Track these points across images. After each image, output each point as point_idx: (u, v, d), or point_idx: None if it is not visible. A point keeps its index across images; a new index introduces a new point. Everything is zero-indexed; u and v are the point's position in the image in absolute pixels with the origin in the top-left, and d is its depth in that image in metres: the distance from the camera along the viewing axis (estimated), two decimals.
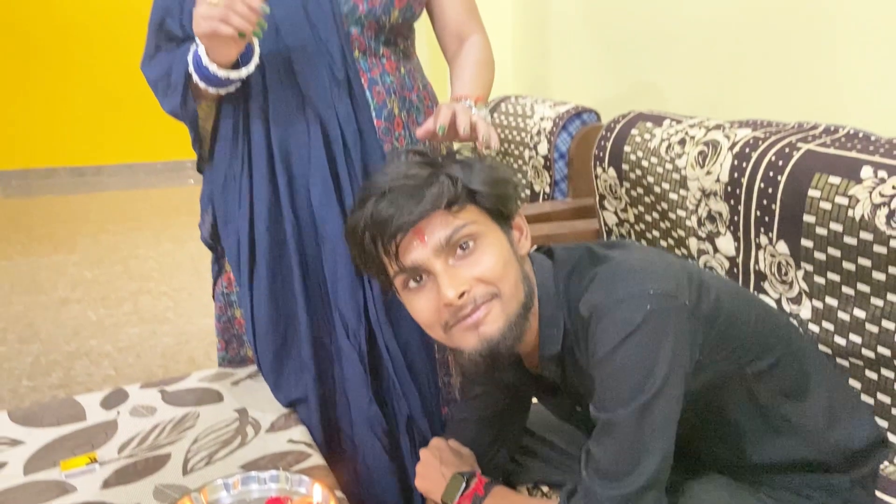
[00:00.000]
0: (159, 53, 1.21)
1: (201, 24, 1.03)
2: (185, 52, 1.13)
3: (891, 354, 1.06)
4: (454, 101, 1.11)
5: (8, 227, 4.40)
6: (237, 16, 1.01)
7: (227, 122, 1.22)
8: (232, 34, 1.02)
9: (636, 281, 0.85)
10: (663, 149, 1.52)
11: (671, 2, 1.84)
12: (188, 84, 1.14)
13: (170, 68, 1.16)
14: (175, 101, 1.15)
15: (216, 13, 1.01)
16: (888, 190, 1.05)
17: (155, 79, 1.19)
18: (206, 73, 1.10)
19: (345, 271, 1.19)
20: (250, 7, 1.01)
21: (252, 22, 1.02)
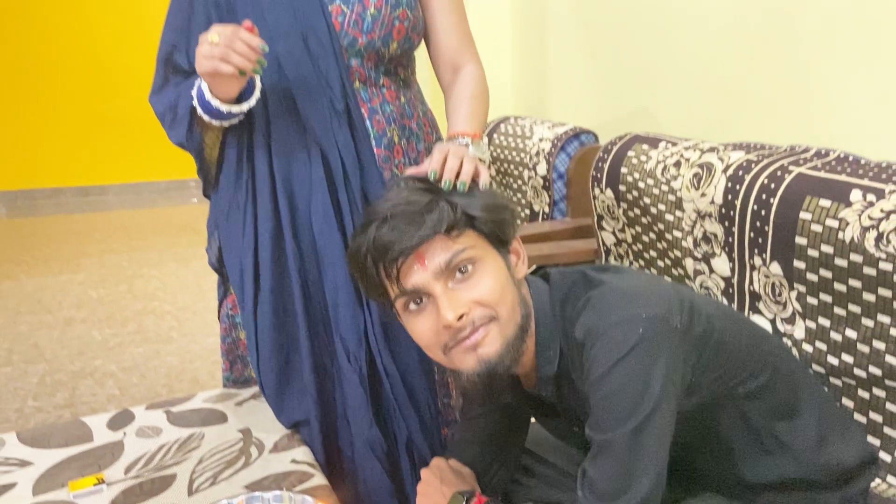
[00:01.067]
0: (167, 86, 1.24)
1: (203, 63, 1.06)
2: (191, 87, 1.17)
3: (881, 374, 1.08)
4: (451, 139, 1.14)
5: (14, 246, 4.44)
6: (237, 55, 1.04)
7: (232, 152, 1.25)
8: (232, 72, 1.05)
9: (629, 305, 0.87)
10: (659, 171, 1.55)
11: (667, 27, 1.88)
12: (193, 117, 1.18)
13: (176, 101, 1.19)
14: (181, 132, 1.19)
15: (217, 52, 1.04)
16: (877, 213, 1.07)
17: (162, 111, 1.22)
18: (209, 108, 1.14)
19: (346, 296, 1.22)
20: (250, 46, 1.05)
21: (252, 60, 1.05)
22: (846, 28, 1.37)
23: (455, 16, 1.31)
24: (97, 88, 5.48)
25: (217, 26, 1.07)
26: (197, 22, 1.21)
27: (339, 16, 1.19)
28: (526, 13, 2.59)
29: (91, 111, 5.49)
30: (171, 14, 1.25)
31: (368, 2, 1.20)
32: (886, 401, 1.10)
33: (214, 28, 1.06)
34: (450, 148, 1.02)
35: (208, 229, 1.35)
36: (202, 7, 1.21)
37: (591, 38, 2.24)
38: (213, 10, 1.20)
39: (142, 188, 5.75)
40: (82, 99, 5.47)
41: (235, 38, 1.04)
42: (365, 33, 1.20)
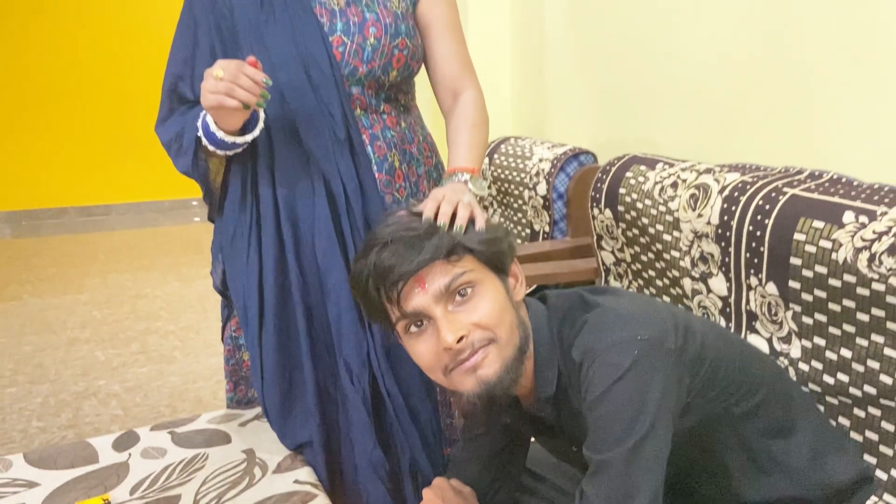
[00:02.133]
0: (172, 116, 1.27)
1: (208, 97, 1.09)
2: (195, 117, 1.20)
3: (876, 393, 1.10)
4: (450, 174, 1.17)
5: (18, 266, 4.46)
6: (241, 89, 1.07)
7: (237, 181, 1.28)
8: (236, 106, 1.08)
9: (625, 327, 0.89)
10: (656, 191, 1.57)
11: (664, 50, 1.91)
12: (198, 147, 1.21)
13: (181, 131, 1.22)
14: (187, 162, 1.22)
15: (222, 87, 1.07)
16: (869, 234, 1.09)
17: (168, 141, 1.25)
18: (214, 139, 1.17)
19: (348, 319, 1.24)
20: (254, 80, 1.07)
21: (255, 94, 1.08)
22: (839, 53, 1.39)
23: (454, 43, 1.33)
24: (100, 110, 5.53)
25: (221, 61, 1.09)
26: (201, 53, 1.24)
27: (340, 46, 1.22)
28: (525, 36, 2.63)
29: (94, 132, 5.54)
30: (175, 46, 1.28)
31: (368, 32, 1.23)
32: (882, 419, 1.11)
33: (219, 63, 1.09)
34: (445, 193, 1.03)
35: (213, 253, 1.38)
36: (206, 39, 1.24)
37: (590, 61, 2.27)
38: (216, 42, 1.23)
39: (144, 208, 5.78)
40: (86, 120, 5.52)
41: (240, 73, 1.07)
42: (365, 63, 1.23)
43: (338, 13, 1.23)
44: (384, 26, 1.24)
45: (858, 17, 1.34)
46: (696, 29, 1.77)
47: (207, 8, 1.23)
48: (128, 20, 5.47)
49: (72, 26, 5.39)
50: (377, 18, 1.24)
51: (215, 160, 1.27)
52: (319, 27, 1.21)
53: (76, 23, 5.39)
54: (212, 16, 1.23)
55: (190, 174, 1.25)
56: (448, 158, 1.25)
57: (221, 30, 1.23)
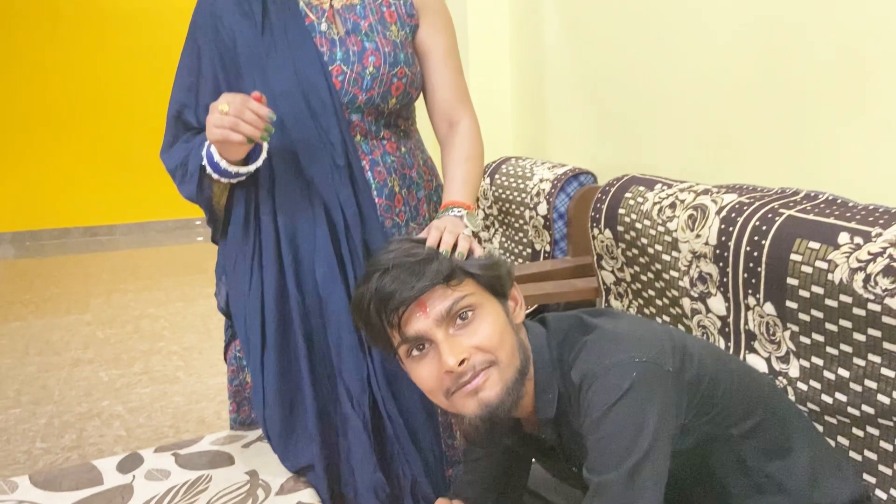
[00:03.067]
0: (177, 143, 1.29)
1: (213, 131, 1.11)
2: (199, 145, 1.22)
3: (874, 413, 1.10)
4: (446, 207, 1.19)
5: (22, 287, 4.49)
6: (246, 124, 1.09)
7: (239, 206, 1.29)
8: (241, 140, 1.11)
9: (623, 349, 0.90)
10: (655, 212, 1.59)
11: (662, 72, 1.93)
12: (203, 175, 1.23)
13: (186, 159, 1.25)
14: (191, 189, 1.24)
15: (227, 122, 1.09)
16: (864, 255, 1.11)
17: (173, 167, 1.27)
18: (218, 168, 1.19)
19: (349, 344, 1.25)
20: (258, 115, 1.10)
21: (259, 128, 1.11)
22: (834, 76, 1.41)
23: (451, 71, 1.35)
24: (103, 130, 5.58)
25: (227, 95, 1.12)
26: (205, 82, 1.27)
27: (339, 75, 1.24)
28: (525, 58, 2.66)
29: (98, 153, 5.59)
30: (179, 74, 1.30)
31: (367, 61, 1.25)
32: (880, 439, 1.12)
33: (224, 97, 1.11)
34: (446, 224, 1.06)
35: (217, 275, 1.39)
36: (209, 68, 1.26)
37: (589, 82, 2.30)
38: (220, 71, 1.26)
39: (148, 227, 5.82)
40: (89, 141, 5.57)
41: (245, 108, 1.09)
42: (364, 91, 1.25)
43: (337, 42, 1.26)
44: (383, 55, 1.26)
45: (854, 39, 1.36)
46: (694, 51, 1.80)
47: (210, 37, 1.25)
48: (131, 42, 5.53)
49: (75, 49, 5.45)
50: (376, 48, 1.26)
51: (219, 185, 1.29)
52: (319, 56, 1.23)
53: (79, 45, 5.46)
54: (214, 45, 1.25)
55: (194, 200, 1.27)
56: (444, 191, 1.27)
57: (224, 59, 1.25)
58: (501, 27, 2.73)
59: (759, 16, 1.57)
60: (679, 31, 1.84)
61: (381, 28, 1.29)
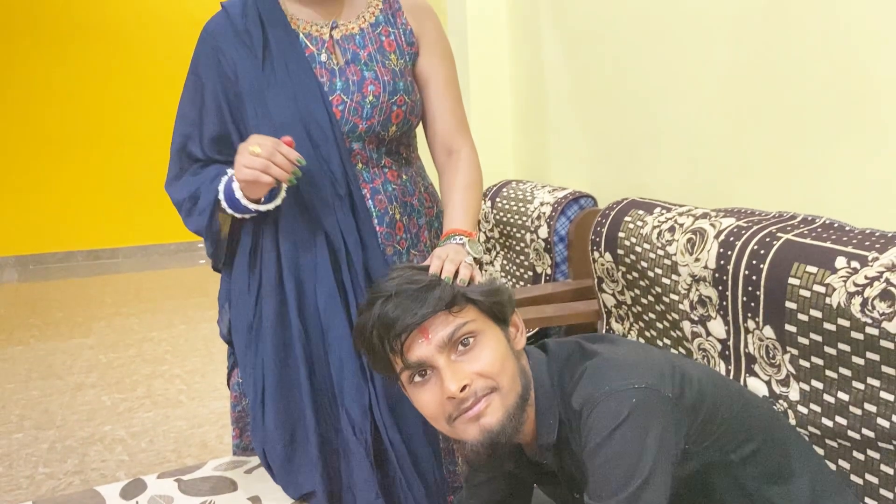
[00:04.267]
0: (183, 176, 1.31)
1: (243, 171, 1.14)
2: (212, 179, 1.24)
3: (875, 436, 1.11)
4: (447, 236, 1.20)
5: (25, 311, 4.50)
6: (276, 167, 1.13)
7: (245, 237, 1.31)
8: (270, 182, 1.14)
9: (622, 375, 0.91)
10: (654, 235, 1.60)
11: (661, 97, 1.95)
12: (215, 209, 1.25)
13: (196, 192, 1.26)
14: (202, 222, 1.26)
15: (258, 164, 1.12)
16: (861, 279, 1.12)
17: (180, 200, 1.29)
18: (237, 205, 1.21)
19: (350, 370, 1.26)
20: (288, 159, 1.14)
21: (289, 171, 1.15)
22: (831, 101, 1.43)
23: (450, 100, 1.37)
24: (106, 155, 5.63)
25: (258, 137, 1.15)
26: (208, 113, 1.29)
27: (340, 104, 1.26)
28: (525, 84, 2.69)
29: (100, 176, 5.63)
30: (183, 106, 1.32)
31: (367, 90, 1.27)
32: (881, 463, 1.12)
33: (255, 139, 1.15)
34: (448, 253, 1.08)
35: (219, 302, 1.40)
36: (213, 99, 1.28)
37: (588, 107, 2.32)
38: (223, 103, 1.27)
39: (151, 251, 5.84)
40: (92, 165, 5.61)
41: (276, 152, 1.13)
42: (364, 120, 1.27)
43: (337, 73, 1.28)
44: (382, 84, 1.28)
45: (851, 64, 1.38)
46: (693, 76, 1.82)
47: (213, 70, 1.27)
48: (133, 66, 5.59)
49: (78, 74, 5.51)
50: (375, 77, 1.28)
51: (225, 218, 1.31)
52: (319, 87, 1.25)
53: (82, 70, 5.51)
54: (217, 78, 1.27)
55: (202, 233, 1.29)
56: (444, 218, 1.28)
57: (227, 91, 1.27)
58: (501, 53, 2.77)
59: (757, 41, 1.59)
60: (678, 57, 1.87)
61: (381, 57, 1.31)
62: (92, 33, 5.50)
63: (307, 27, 1.29)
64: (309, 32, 1.29)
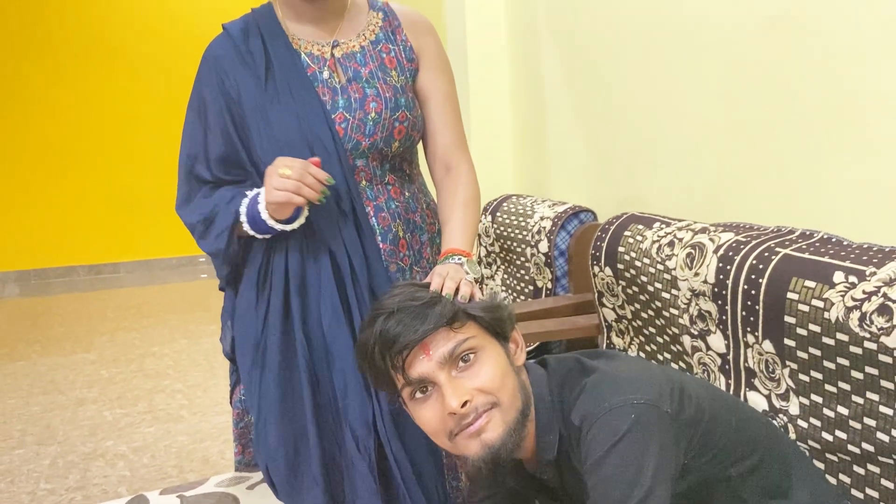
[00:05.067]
0: (195, 197, 1.32)
1: (274, 193, 1.16)
2: (227, 202, 1.26)
3: (874, 450, 1.11)
4: (446, 255, 1.22)
5: (27, 326, 4.51)
6: (307, 188, 1.16)
7: (257, 256, 1.32)
8: (301, 204, 1.17)
9: (621, 391, 0.92)
10: (654, 250, 1.61)
11: (659, 112, 1.97)
12: (234, 231, 1.26)
13: (210, 216, 1.28)
14: (220, 244, 1.27)
15: (290, 186, 1.15)
16: (859, 294, 1.12)
17: (193, 222, 1.31)
18: (262, 226, 1.23)
19: (354, 386, 1.26)
20: (318, 179, 1.16)
21: (318, 192, 1.17)
22: (826, 115, 1.45)
23: (450, 116, 1.38)
24: (107, 169, 5.65)
25: (285, 159, 1.18)
26: (213, 135, 1.30)
27: (342, 122, 1.27)
28: (525, 100, 2.71)
29: (102, 191, 5.65)
30: (187, 128, 1.33)
31: (369, 107, 1.28)
32: (882, 477, 1.12)
33: (283, 161, 1.17)
34: (448, 271, 1.10)
35: (222, 320, 1.41)
36: (217, 120, 1.29)
37: (588, 122, 2.34)
38: (228, 123, 1.28)
39: (152, 265, 5.85)
40: (93, 179, 5.63)
41: (306, 173, 1.15)
42: (367, 136, 1.28)
43: (339, 90, 1.29)
44: (384, 101, 1.30)
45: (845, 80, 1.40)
46: (690, 92, 1.84)
47: (216, 91, 1.29)
48: (134, 81, 5.63)
49: (79, 88, 5.54)
50: (377, 94, 1.30)
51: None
52: (322, 106, 1.27)
53: (83, 85, 5.54)
54: (221, 98, 1.28)
55: (217, 254, 1.30)
56: (443, 237, 1.29)
57: (231, 111, 1.28)
58: (500, 69, 2.79)
59: (753, 57, 1.61)
60: (675, 73, 1.88)
61: (382, 74, 1.33)
62: (94, 49, 5.54)
63: (308, 46, 1.31)
64: (311, 52, 1.31)
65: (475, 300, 1.05)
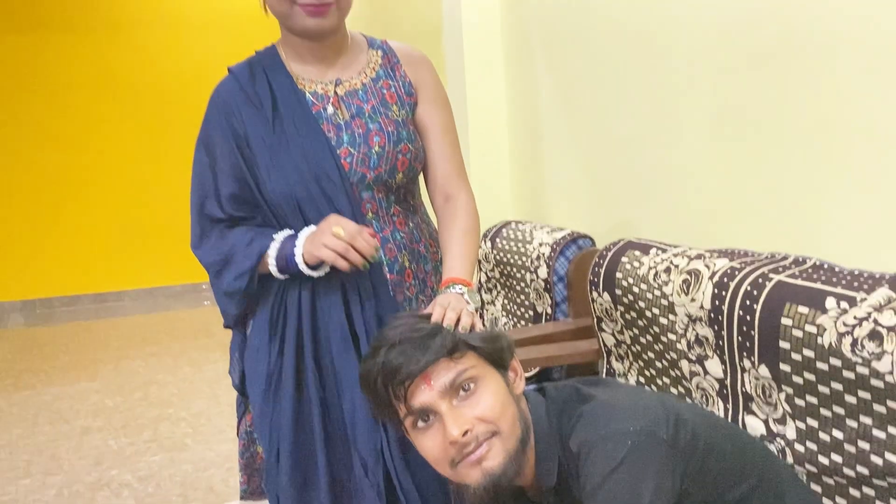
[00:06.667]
0: (211, 236, 1.35)
1: (323, 251, 1.20)
2: (248, 243, 1.29)
3: (869, 473, 1.13)
4: (447, 284, 1.25)
5: (32, 356, 4.53)
6: (355, 253, 1.20)
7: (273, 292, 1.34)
8: (345, 268, 1.21)
9: (618, 419, 0.95)
10: (651, 276, 1.64)
11: (654, 138, 2.00)
12: (256, 271, 1.30)
13: (228, 256, 1.31)
14: (240, 285, 1.31)
15: (340, 247, 1.19)
16: (850, 320, 1.15)
17: (211, 262, 1.34)
18: (289, 269, 1.27)
19: (363, 415, 1.28)
20: (368, 245, 1.21)
21: (366, 257, 1.22)
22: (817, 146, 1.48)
23: (448, 146, 1.42)
24: (111, 199, 5.69)
25: (339, 219, 1.23)
26: (222, 174, 1.33)
27: (348, 157, 1.31)
28: (522, 128, 2.75)
29: (106, 219, 5.69)
30: (196, 168, 1.37)
31: (373, 141, 1.32)
32: (876, 499, 1.14)
33: (336, 220, 1.22)
34: (450, 301, 1.13)
35: (231, 353, 1.44)
36: (226, 158, 1.33)
37: (584, 150, 2.37)
38: (237, 161, 1.32)
39: (158, 293, 5.88)
40: (97, 208, 5.67)
41: (358, 237, 1.20)
42: (372, 169, 1.32)
43: (343, 126, 1.33)
44: (387, 135, 1.34)
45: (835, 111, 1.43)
46: (685, 120, 1.87)
47: (226, 131, 1.33)
48: (137, 111, 5.68)
49: (82, 119, 5.60)
50: (380, 128, 1.34)
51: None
52: (327, 142, 1.31)
53: (86, 114, 5.60)
54: (231, 137, 1.32)
55: (235, 294, 1.33)
56: (443, 266, 1.32)
57: (241, 150, 1.32)
58: (498, 98, 2.83)
59: (745, 88, 1.64)
60: (670, 101, 1.92)
61: (383, 109, 1.37)
62: (98, 81, 5.61)
63: (312, 85, 1.35)
64: (315, 90, 1.35)
65: (476, 330, 1.08)
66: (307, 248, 1.24)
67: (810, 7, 1.45)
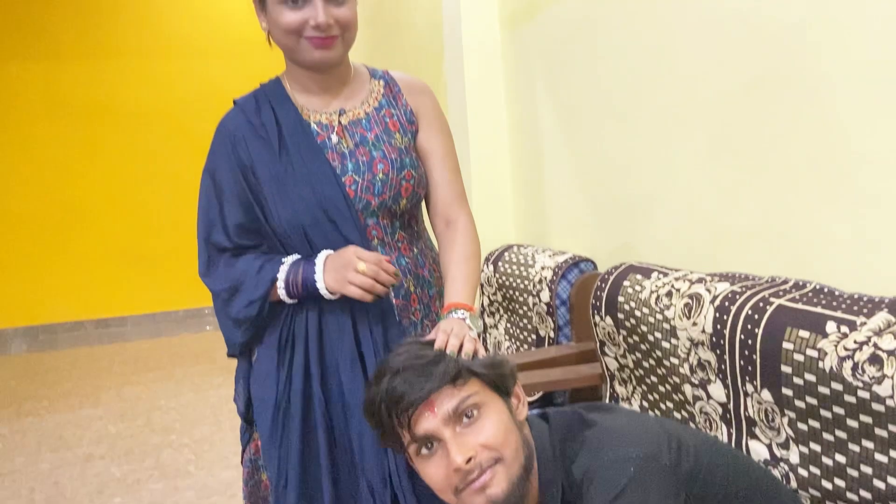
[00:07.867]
0: (217, 266, 1.37)
1: (348, 287, 1.24)
2: (258, 271, 1.31)
3: (872, 497, 1.13)
4: (449, 309, 1.26)
5: (35, 382, 4.52)
6: (380, 286, 1.24)
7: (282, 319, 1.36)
8: (370, 300, 1.26)
9: (620, 445, 0.95)
10: (653, 300, 1.65)
11: (655, 162, 2.02)
12: (267, 298, 1.32)
13: (237, 284, 1.33)
14: (251, 312, 1.33)
15: (366, 284, 1.24)
16: (851, 344, 1.16)
17: (219, 289, 1.36)
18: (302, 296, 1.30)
19: (370, 441, 1.29)
20: (390, 273, 1.25)
21: (387, 287, 1.26)
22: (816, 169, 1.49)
23: (449, 172, 1.44)
24: (113, 225, 5.71)
25: (360, 252, 1.26)
26: (228, 203, 1.35)
27: (353, 185, 1.33)
28: (524, 153, 2.78)
29: (108, 245, 5.71)
30: (203, 198, 1.39)
31: (377, 168, 1.34)
32: None
33: (355, 253, 1.26)
34: (453, 327, 1.15)
35: (236, 380, 1.44)
36: (231, 189, 1.35)
37: (585, 174, 2.39)
38: (244, 189, 1.34)
39: (159, 318, 5.88)
40: (100, 234, 5.69)
41: (380, 271, 1.24)
42: (377, 196, 1.34)
43: (347, 155, 1.35)
44: (391, 162, 1.36)
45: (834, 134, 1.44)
46: (684, 145, 1.89)
47: (232, 162, 1.35)
48: (139, 137, 5.72)
49: (85, 145, 5.64)
50: (384, 156, 1.36)
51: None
52: (332, 170, 1.33)
53: (89, 140, 5.64)
54: (237, 166, 1.35)
55: (245, 321, 1.34)
56: (445, 291, 1.34)
57: (248, 180, 1.34)
58: (499, 123, 2.86)
59: (743, 112, 1.66)
60: (669, 126, 1.94)
61: (386, 137, 1.39)
62: (99, 109, 5.65)
63: (317, 116, 1.38)
64: (319, 120, 1.37)
65: (478, 356, 1.09)
66: (329, 282, 1.27)
67: (806, 33, 1.47)
